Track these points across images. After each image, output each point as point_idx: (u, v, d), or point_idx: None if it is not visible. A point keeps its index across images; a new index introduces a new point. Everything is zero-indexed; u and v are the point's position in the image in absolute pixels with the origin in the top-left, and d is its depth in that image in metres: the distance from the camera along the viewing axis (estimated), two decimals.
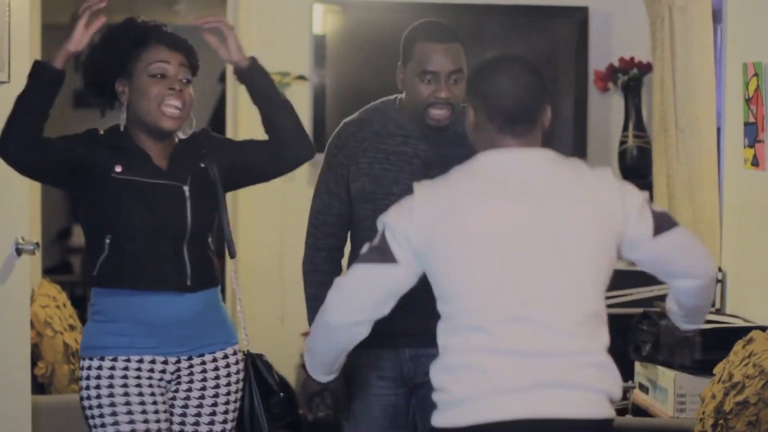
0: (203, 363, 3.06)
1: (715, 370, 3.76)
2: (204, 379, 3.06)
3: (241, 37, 5.69)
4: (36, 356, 4.27)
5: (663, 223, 2.72)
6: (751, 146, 4.22)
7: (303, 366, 2.87)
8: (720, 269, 4.57)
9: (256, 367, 3.16)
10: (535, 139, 2.69)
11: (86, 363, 2.99)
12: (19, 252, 3.49)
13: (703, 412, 3.69)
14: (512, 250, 2.55)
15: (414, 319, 3.11)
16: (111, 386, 2.95)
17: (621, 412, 4.29)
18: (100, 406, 2.94)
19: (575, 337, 2.53)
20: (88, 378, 2.97)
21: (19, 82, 3.50)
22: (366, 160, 3.28)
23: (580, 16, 5.72)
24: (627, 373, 4.35)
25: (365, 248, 2.63)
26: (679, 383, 3.96)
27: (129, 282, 2.97)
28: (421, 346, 3.21)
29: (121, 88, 3.04)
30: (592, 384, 2.52)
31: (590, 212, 2.61)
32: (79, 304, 7.68)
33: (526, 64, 2.71)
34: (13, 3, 3.41)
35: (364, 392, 3.29)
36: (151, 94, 3.00)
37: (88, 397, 2.96)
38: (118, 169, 3.00)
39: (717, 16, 4.74)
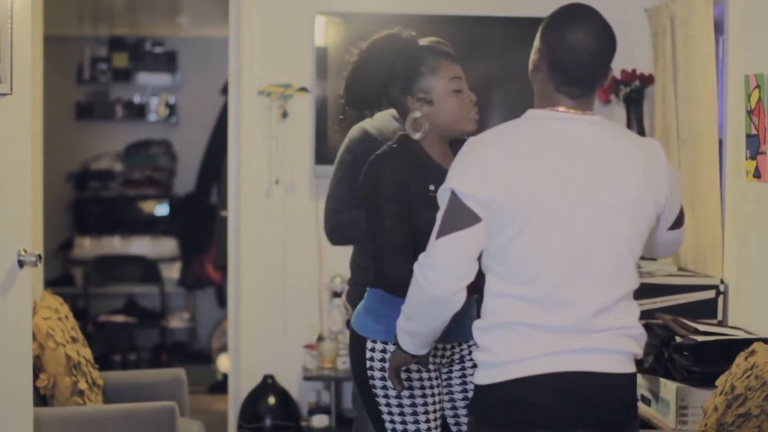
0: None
1: (717, 382, 3.76)
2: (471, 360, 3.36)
3: (244, 50, 5.74)
4: (38, 368, 4.27)
5: (681, 219, 2.80)
6: (753, 158, 4.22)
7: (396, 344, 2.89)
8: (722, 281, 4.57)
9: None
10: (590, 101, 2.73)
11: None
12: (21, 264, 3.49)
13: (705, 424, 3.68)
14: (566, 214, 2.59)
15: None
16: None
17: None
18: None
19: (617, 313, 2.62)
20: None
21: (21, 94, 3.50)
22: None
23: None
24: None
25: (440, 221, 2.63)
26: (681, 395, 3.95)
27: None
28: None
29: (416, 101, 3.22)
30: (624, 349, 2.64)
31: (642, 179, 2.65)
32: (81, 316, 7.71)
33: (602, 25, 2.67)
34: (15, 15, 3.41)
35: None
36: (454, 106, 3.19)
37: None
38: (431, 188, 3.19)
39: (719, 28, 4.74)
